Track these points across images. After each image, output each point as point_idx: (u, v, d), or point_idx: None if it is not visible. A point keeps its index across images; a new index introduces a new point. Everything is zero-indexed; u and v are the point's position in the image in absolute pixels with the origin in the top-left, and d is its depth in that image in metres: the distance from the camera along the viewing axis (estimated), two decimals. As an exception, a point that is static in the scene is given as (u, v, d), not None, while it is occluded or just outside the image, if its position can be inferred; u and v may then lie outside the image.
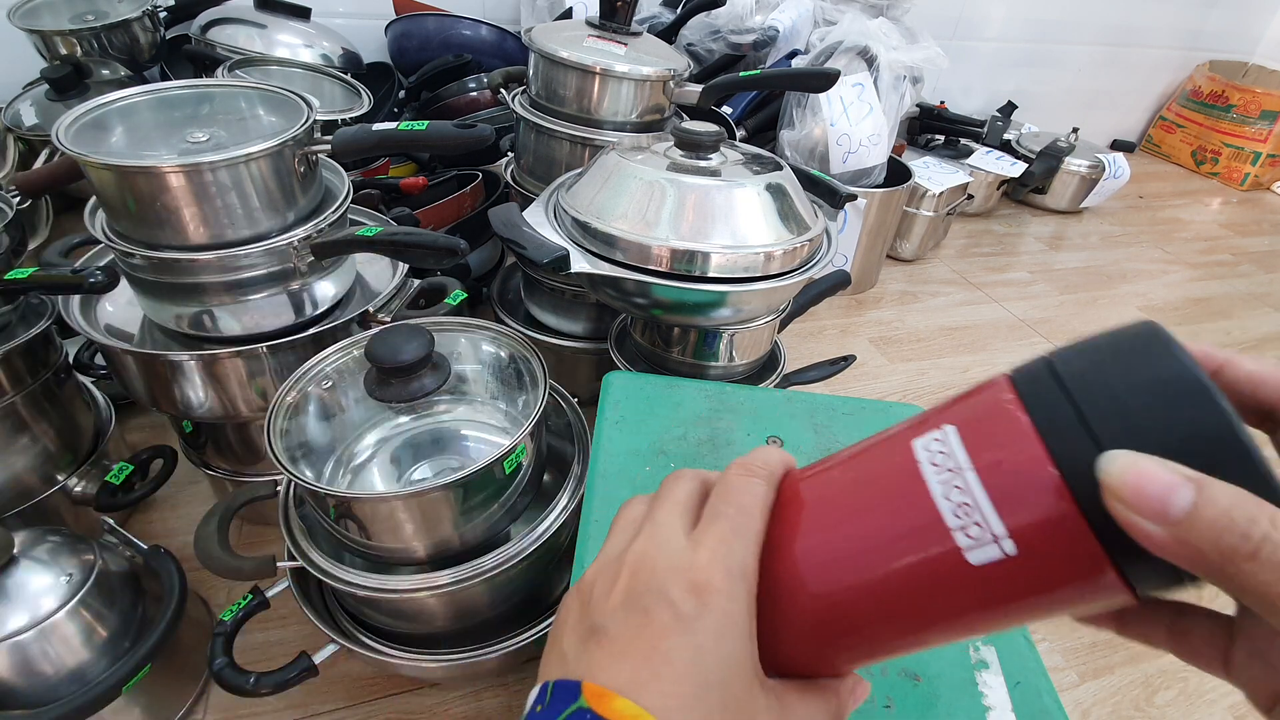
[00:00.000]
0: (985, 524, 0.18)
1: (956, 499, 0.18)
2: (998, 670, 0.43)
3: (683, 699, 0.20)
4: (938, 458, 0.19)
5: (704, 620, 0.21)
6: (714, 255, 0.61)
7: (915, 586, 0.19)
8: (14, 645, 0.49)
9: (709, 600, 0.21)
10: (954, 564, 0.18)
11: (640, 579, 0.22)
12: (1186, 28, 1.98)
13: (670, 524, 0.24)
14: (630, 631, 0.21)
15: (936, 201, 1.33)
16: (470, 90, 1.14)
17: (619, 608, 0.22)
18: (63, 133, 0.52)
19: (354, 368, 0.58)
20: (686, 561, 0.22)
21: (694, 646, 0.20)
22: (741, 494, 0.23)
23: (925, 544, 0.19)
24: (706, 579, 0.21)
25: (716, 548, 0.22)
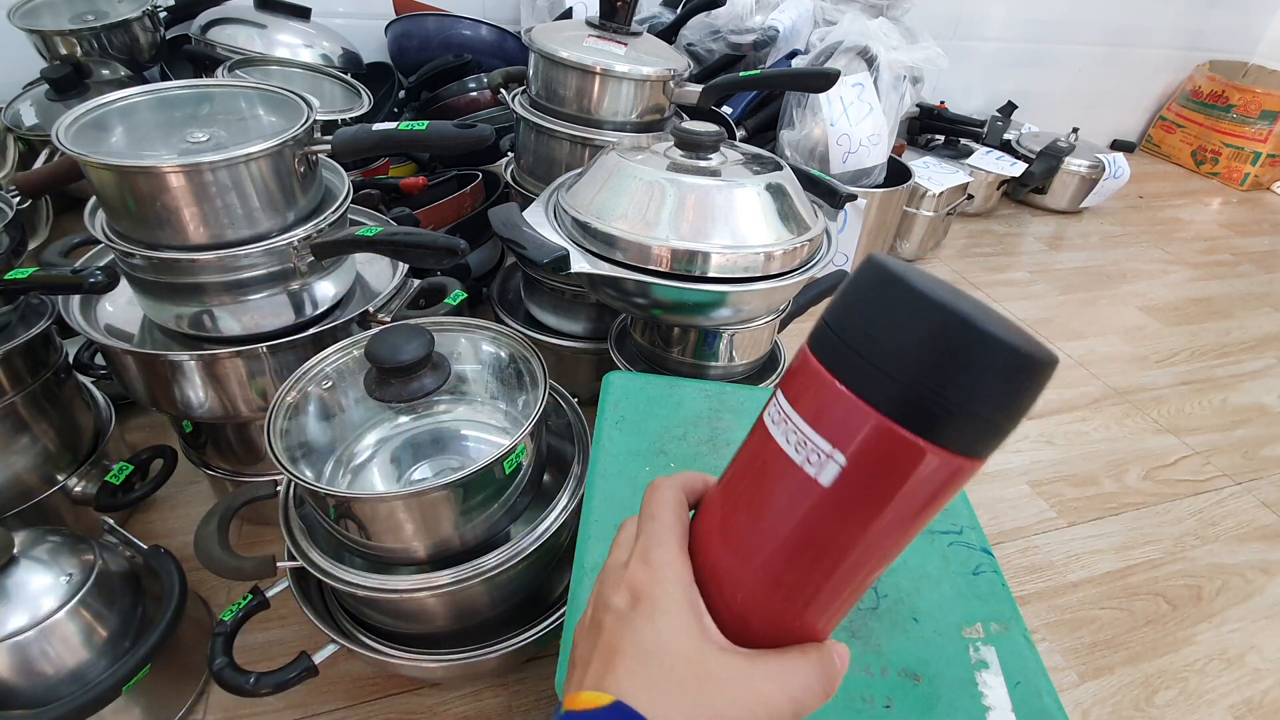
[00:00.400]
0: (818, 448, 0.22)
1: (794, 440, 0.22)
2: (998, 670, 0.43)
3: (630, 671, 0.24)
4: (777, 417, 0.23)
5: (639, 610, 0.25)
6: (714, 255, 0.61)
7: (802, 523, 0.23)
8: (14, 645, 0.49)
9: (641, 595, 0.25)
10: (814, 491, 0.22)
11: (597, 604, 0.27)
12: (1186, 28, 1.98)
13: (619, 546, 0.29)
14: (592, 644, 0.26)
15: (936, 201, 1.33)
16: (470, 90, 1.14)
17: (586, 633, 0.27)
18: (63, 133, 0.52)
19: (354, 368, 0.58)
20: (620, 576, 0.27)
21: (634, 630, 0.25)
22: (651, 505, 0.28)
23: (788, 483, 0.23)
24: (636, 582, 0.26)
25: (644, 556, 0.27)
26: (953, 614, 0.46)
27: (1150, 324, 1.30)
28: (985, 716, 0.41)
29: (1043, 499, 0.90)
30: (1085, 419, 1.05)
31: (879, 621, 0.46)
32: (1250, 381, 1.18)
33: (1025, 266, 1.47)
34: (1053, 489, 0.92)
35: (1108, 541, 0.85)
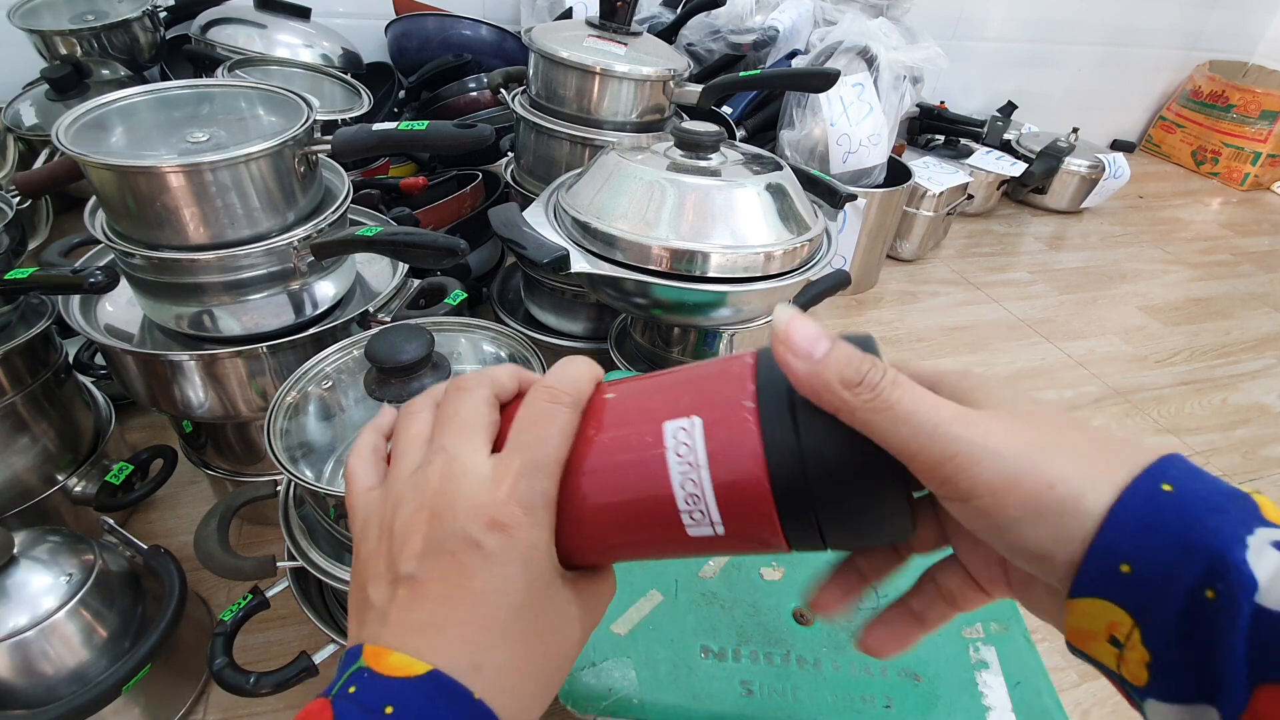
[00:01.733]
0: (708, 516, 0.22)
1: (689, 489, 0.22)
2: (998, 670, 0.43)
3: (501, 625, 0.22)
4: (682, 449, 0.22)
5: (510, 553, 0.22)
6: (714, 255, 0.61)
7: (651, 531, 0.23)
8: (14, 645, 0.49)
9: (512, 535, 0.22)
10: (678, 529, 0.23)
11: (443, 522, 0.23)
12: (1186, 28, 1.98)
13: (467, 455, 0.24)
14: (438, 574, 0.22)
15: (936, 201, 1.33)
16: (470, 90, 1.13)
17: (424, 552, 0.23)
18: (63, 133, 0.52)
19: (354, 368, 0.58)
20: (486, 499, 0.23)
21: (502, 579, 0.22)
22: (544, 423, 0.24)
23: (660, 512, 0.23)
24: (508, 516, 0.22)
25: (516, 483, 0.23)
26: (953, 614, 0.46)
27: (1150, 324, 1.30)
28: (985, 716, 0.41)
29: (1043, 499, 0.90)
30: (1085, 419, 1.05)
31: (879, 621, 0.46)
32: (1250, 381, 1.18)
33: (1025, 266, 1.47)
34: (1053, 489, 0.91)
35: (1108, 541, 0.85)
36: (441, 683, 0.20)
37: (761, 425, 0.21)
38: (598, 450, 0.24)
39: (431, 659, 0.21)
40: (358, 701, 0.20)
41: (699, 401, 0.23)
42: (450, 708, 0.20)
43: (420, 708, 0.20)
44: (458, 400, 0.25)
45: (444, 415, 0.25)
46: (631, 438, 0.23)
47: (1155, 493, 0.18)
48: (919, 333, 1.21)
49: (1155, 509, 0.18)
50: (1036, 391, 1.09)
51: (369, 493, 0.26)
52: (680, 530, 0.23)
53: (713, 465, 0.22)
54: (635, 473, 0.23)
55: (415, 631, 0.22)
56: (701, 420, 0.22)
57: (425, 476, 0.24)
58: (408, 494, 0.24)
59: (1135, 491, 0.18)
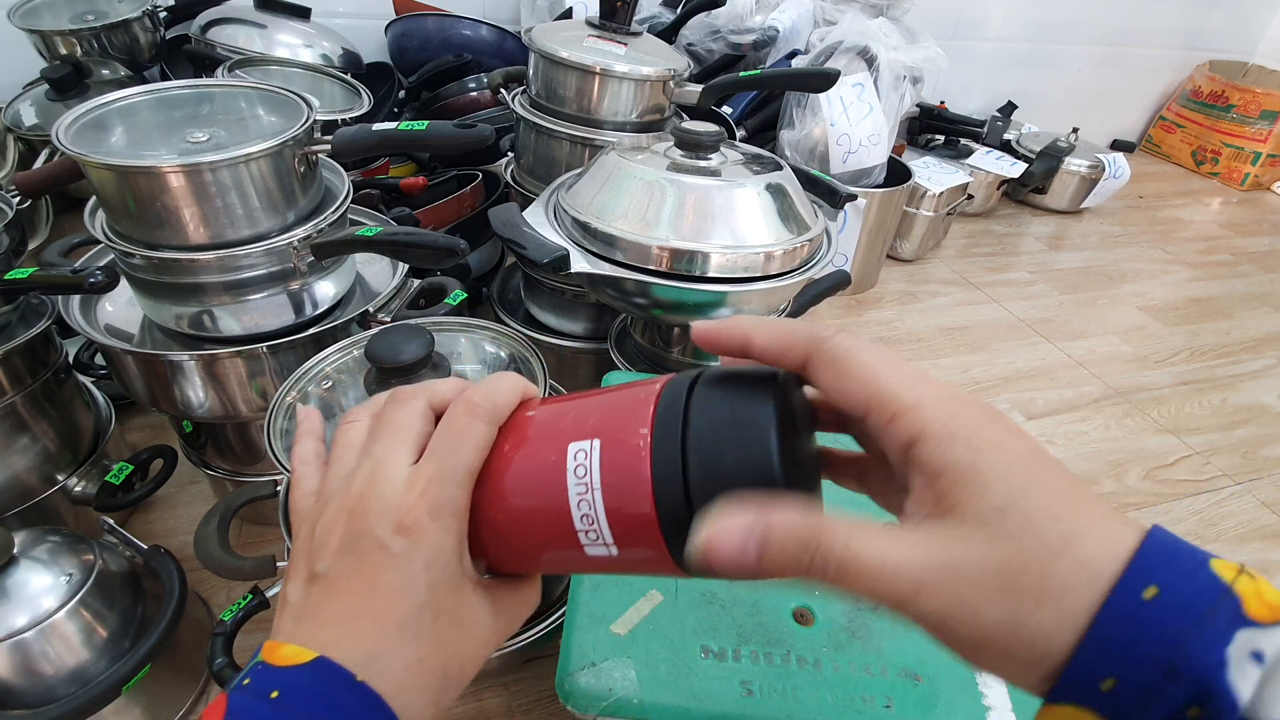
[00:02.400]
0: (601, 537, 0.23)
1: (584, 509, 0.23)
2: (998, 670, 0.43)
3: (399, 620, 0.23)
4: (579, 470, 0.23)
5: (414, 555, 0.23)
6: (714, 255, 0.61)
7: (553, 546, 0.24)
8: (14, 645, 0.49)
9: (418, 539, 0.23)
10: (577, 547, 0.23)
11: (356, 522, 0.24)
12: (1186, 28, 1.98)
13: (389, 461, 0.25)
14: (347, 572, 0.24)
15: (936, 201, 1.33)
16: (470, 90, 1.14)
17: (338, 551, 0.24)
18: (63, 133, 0.52)
19: (354, 368, 0.58)
20: (396, 503, 0.24)
21: (405, 578, 0.23)
22: (459, 434, 0.25)
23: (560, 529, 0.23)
24: (415, 520, 0.23)
25: (427, 489, 0.24)
26: (953, 614, 0.46)
27: (1150, 324, 1.30)
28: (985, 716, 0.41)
29: (1043, 499, 0.90)
30: (1085, 419, 1.05)
31: (879, 621, 0.46)
32: (1250, 381, 1.18)
33: (1025, 266, 1.47)
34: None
35: (1108, 541, 0.85)
36: (327, 667, 0.22)
37: (653, 454, 0.22)
38: (508, 464, 0.25)
39: (326, 650, 0.22)
40: (250, 691, 0.22)
41: (601, 425, 0.24)
42: (335, 690, 0.22)
43: (305, 690, 0.21)
44: (393, 410, 0.27)
45: (378, 424, 0.27)
46: (539, 455, 0.24)
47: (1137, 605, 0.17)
48: (919, 333, 1.21)
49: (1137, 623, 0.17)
50: (1036, 392, 1.10)
51: (307, 497, 0.27)
52: (579, 548, 0.23)
53: (604, 489, 0.22)
54: (539, 489, 0.24)
55: (319, 625, 0.23)
56: (599, 443, 0.23)
57: (351, 481, 0.25)
58: (334, 497, 0.25)
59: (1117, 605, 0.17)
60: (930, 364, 1.14)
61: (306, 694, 0.21)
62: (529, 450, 0.25)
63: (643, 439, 0.22)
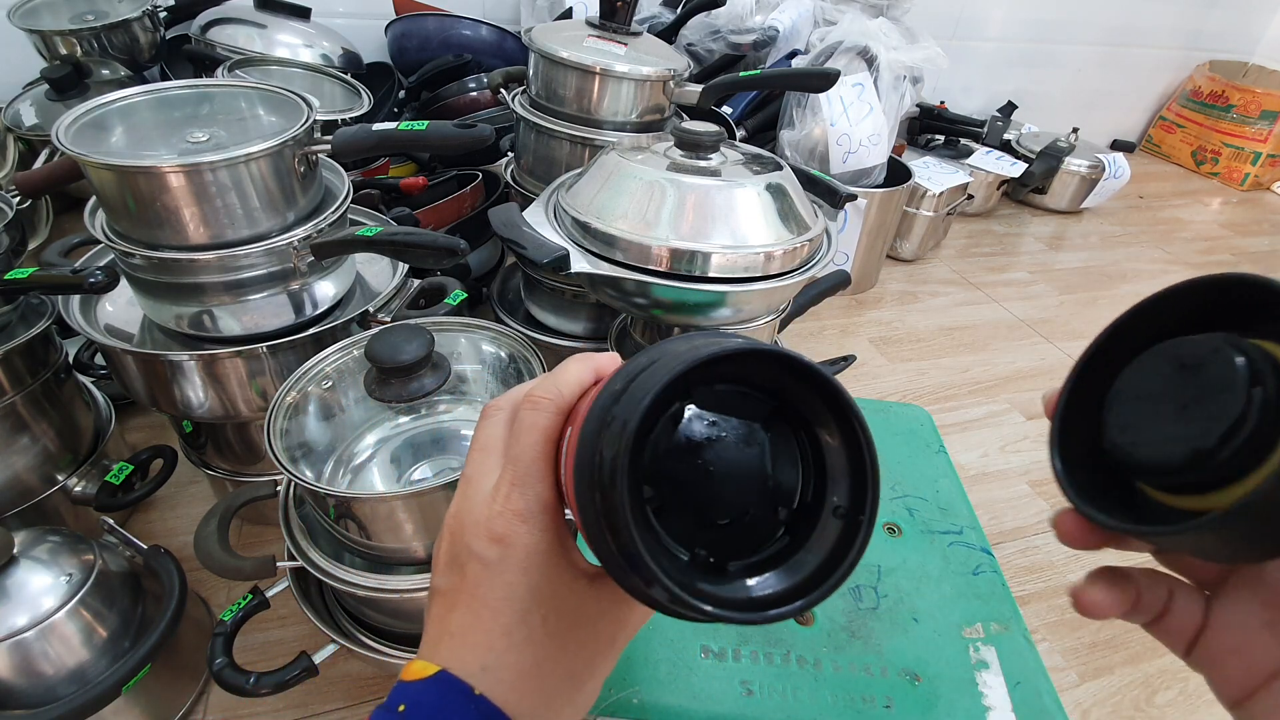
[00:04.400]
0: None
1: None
2: (998, 670, 0.43)
3: (505, 628, 0.23)
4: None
5: (509, 561, 0.24)
6: (714, 255, 0.61)
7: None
8: (14, 645, 0.49)
9: (511, 544, 0.24)
10: None
11: (457, 540, 0.25)
12: (1186, 28, 1.98)
13: (477, 476, 0.26)
14: (454, 586, 0.25)
15: (936, 201, 1.33)
16: (470, 90, 1.14)
17: (445, 568, 0.25)
18: (63, 133, 0.52)
19: (354, 368, 0.58)
20: (485, 515, 0.24)
21: (504, 585, 0.24)
22: (527, 433, 0.25)
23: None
24: (505, 528, 0.24)
25: (510, 494, 0.24)
26: (953, 614, 0.46)
27: (1150, 324, 1.30)
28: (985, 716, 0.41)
29: (1043, 499, 0.90)
30: None
31: (879, 621, 0.46)
32: (1250, 381, 1.18)
33: (1025, 267, 1.47)
34: (1053, 489, 0.91)
35: (1108, 541, 0.85)
36: (447, 681, 0.22)
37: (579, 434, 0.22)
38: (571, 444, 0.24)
39: (448, 663, 0.23)
40: (384, 707, 0.23)
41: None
42: (455, 703, 0.22)
43: (428, 704, 0.22)
44: (481, 427, 0.27)
45: (472, 445, 0.27)
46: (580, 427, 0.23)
47: None
48: (919, 333, 1.21)
49: None
50: (1036, 392, 1.09)
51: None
52: None
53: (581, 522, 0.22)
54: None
55: (440, 638, 0.24)
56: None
57: (454, 503, 0.26)
58: (445, 520, 0.27)
59: None
60: (930, 364, 1.14)
61: (429, 707, 0.22)
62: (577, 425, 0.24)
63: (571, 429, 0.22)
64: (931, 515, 0.52)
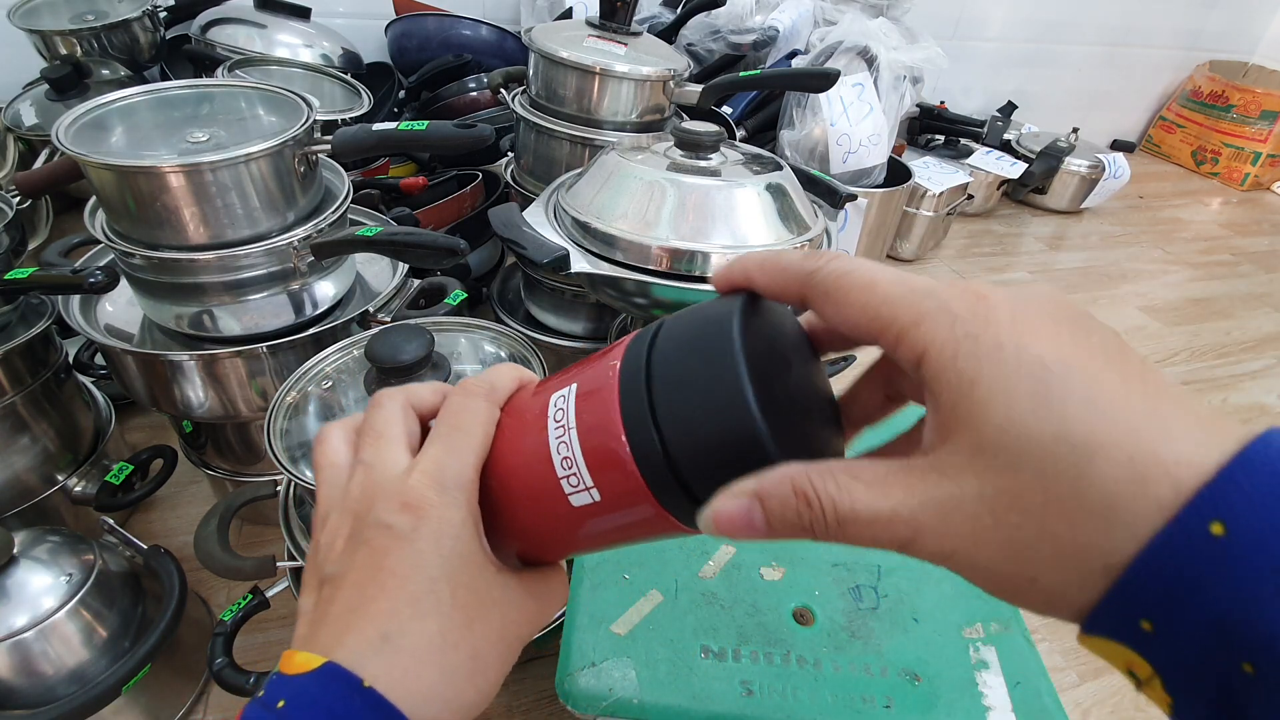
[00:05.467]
0: (580, 478, 0.22)
1: (563, 453, 0.22)
2: (998, 670, 0.43)
3: (412, 594, 0.22)
4: (559, 414, 0.23)
5: (421, 530, 0.23)
6: (714, 255, 0.61)
7: (543, 506, 0.24)
8: (14, 645, 0.49)
9: (424, 513, 0.23)
10: (562, 500, 0.23)
11: (362, 520, 0.24)
12: (1186, 28, 1.98)
13: (384, 459, 0.25)
14: (357, 565, 0.23)
15: (936, 201, 1.33)
16: (470, 90, 1.14)
17: (345, 549, 0.24)
18: (63, 133, 0.52)
19: (354, 368, 0.58)
20: (399, 486, 0.23)
21: (414, 553, 0.22)
22: (460, 414, 0.25)
23: (547, 485, 0.23)
24: (419, 497, 0.23)
25: (429, 468, 0.23)
26: (953, 614, 0.46)
27: (1150, 324, 1.30)
28: (985, 716, 0.41)
29: (1043, 499, 0.90)
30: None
31: (879, 621, 0.46)
32: (1250, 381, 1.18)
33: (1025, 267, 1.47)
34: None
35: (1108, 541, 0.85)
36: (333, 672, 0.21)
37: (620, 375, 0.22)
38: (503, 435, 0.25)
39: (335, 644, 0.22)
40: (261, 702, 0.21)
41: (581, 373, 0.24)
42: (339, 695, 0.21)
43: (310, 699, 0.21)
44: (374, 414, 0.26)
45: (361, 432, 0.26)
46: (525, 414, 0.25)
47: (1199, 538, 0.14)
48: (919, 333, 1.21)
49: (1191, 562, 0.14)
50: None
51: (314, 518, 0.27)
52: (565, 501, 0.23)
53: (578, 422, 0.22)
54: (525, 444, 0.24)
55: (330, 622, 0.23)
56: (576, 385, 0.23)
57: (348, 490, 0.25)
58: (335, 508, 0.25)
59: (1172, 535, 0.15)
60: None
61: (311, 702, 0.21)
62: (518, 415, 0.25)
63: (612, 369, 0.22)
64: (931, 515, 0.52)
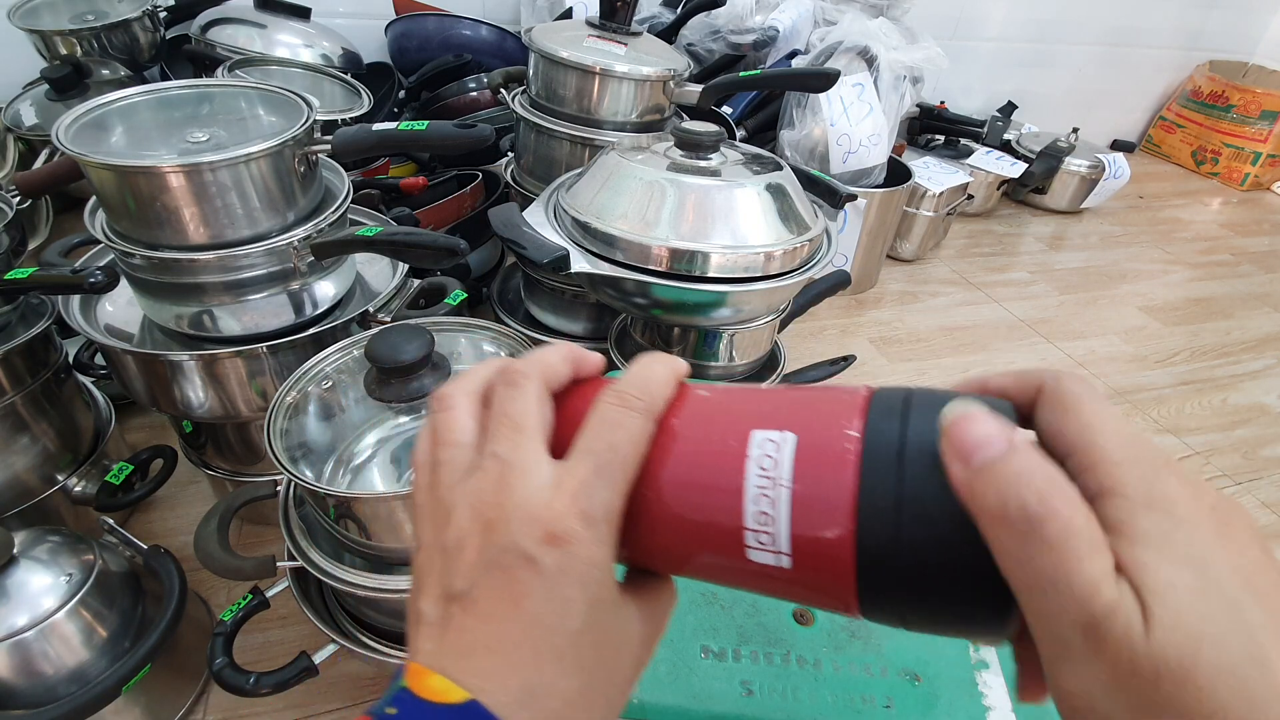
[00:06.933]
0: (775, 541, 0.20)
1: (762, 506, 0.20)
2: (998, 670, 0.43)
3: (557, 648, 0.20)
4: (766, 461, 0.20)
5: (568, 570, 0.20)
6: (714, 255, 0.61)
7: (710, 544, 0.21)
8: (14, 645, 0.49)
9: (570, 550, 0.20)
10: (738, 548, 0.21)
11: (496, 534, 0.21)
12: (1186, 28, 1.98)
13: (523, 461, 0.22)
14: (491, 592, 0.21)
15: (936, 201, 1.33)
16: (470, 90, 1.13)
17: (476, 566, 0.21)
18: (63, 133, 0.52)
19: (354, 368, 0.58)
20: (542, 510, 0.21)
21: (561, 601, 0.20)
22: (617, 431, 0.22)
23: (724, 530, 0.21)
24: (566, 530, 0.20)
25: (578, 492, 0.21)
26: (953, 614, 0.46)
27: (1150, 324, 1.30)
28: (985, 716, 0.41)
29: (1043, 499, 0.90)
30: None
31: (879, 621, 0.46)
32: (1250, 381, 1.18)
33: (1025, 266, 1.47)
34: (1053, 489, 0.91)
35: (1108, 541, 0.85)
36: (479, 715, 0.19)
37: (862, 462, 0.19)
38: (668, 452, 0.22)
39: (479, 683, 0.19)
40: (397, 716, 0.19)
41: (796, 419, 0.21)
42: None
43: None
44: (508, 396, 0.23)
45: (493, 415, 0.23)
46: (711, 437, 0.22)
47: None
48: (919, 333, 1.21)
49: None
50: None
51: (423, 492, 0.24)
52: (740, 551, 0.21)
53: (796, 486, 0.20)
54: (707, 475, 0.21)
55: (467, 653, 0.20)
56: (795, 438, 0.20)
57: (478, 484, 0.22)
58: (459, 503, 0.22)
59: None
60: (930, 364, 1.14)
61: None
62: (698, 434, 0.22)
63: (851, 442, 0.19)
64: (931, 515, 0.52)
